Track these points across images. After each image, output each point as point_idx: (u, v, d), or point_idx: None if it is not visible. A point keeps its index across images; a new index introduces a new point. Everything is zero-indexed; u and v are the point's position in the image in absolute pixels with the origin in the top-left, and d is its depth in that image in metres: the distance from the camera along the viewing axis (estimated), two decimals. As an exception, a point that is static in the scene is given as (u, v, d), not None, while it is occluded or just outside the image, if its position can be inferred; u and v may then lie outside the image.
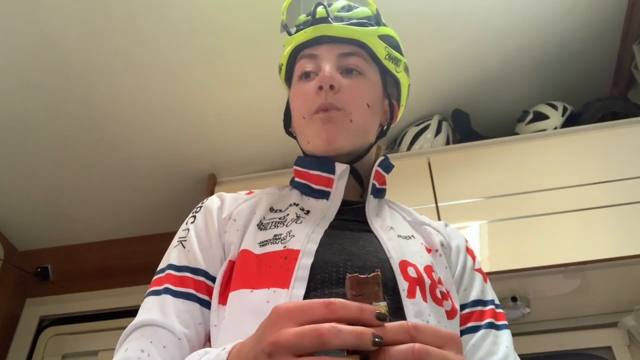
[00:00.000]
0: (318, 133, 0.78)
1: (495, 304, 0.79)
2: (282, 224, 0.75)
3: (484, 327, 0.75)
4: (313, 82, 0.80)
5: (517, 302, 1.65)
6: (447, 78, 1.99)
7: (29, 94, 1.89)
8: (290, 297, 0.63)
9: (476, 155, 1.79)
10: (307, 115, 0.80)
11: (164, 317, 0.67)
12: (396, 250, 0.71)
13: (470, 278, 0.80)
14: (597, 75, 2.04)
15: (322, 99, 0.78)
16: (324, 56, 0.81)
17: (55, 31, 1.71)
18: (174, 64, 1.83)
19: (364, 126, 0.80)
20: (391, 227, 0.78)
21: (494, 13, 1.76)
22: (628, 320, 1.69)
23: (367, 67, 0.83)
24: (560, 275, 1.57)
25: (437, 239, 0.80)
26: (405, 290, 0.66)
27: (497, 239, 1.59)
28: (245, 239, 0.74)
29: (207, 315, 0.71)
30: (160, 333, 0.66)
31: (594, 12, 1.81)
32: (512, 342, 0.76)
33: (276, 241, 0.72)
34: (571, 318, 1.80)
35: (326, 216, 0.76)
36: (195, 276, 0.73)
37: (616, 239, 1.50)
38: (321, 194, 0.80)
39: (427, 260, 0.74)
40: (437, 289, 0.71)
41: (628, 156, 1.65)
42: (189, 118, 2.02)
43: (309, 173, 0.81)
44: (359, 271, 0.67)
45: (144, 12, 1.68)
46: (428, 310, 0.66)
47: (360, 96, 0.80)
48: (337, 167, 0.78)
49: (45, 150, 2.09)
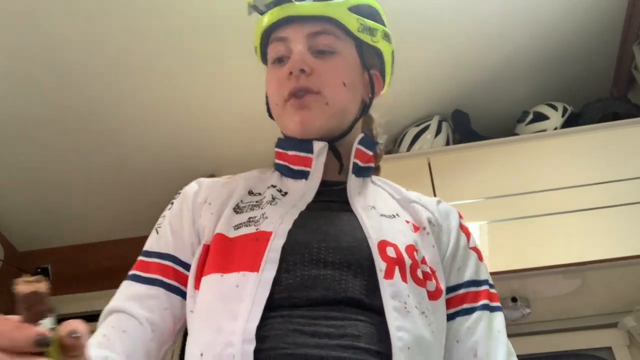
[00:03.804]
0: (292, 119, 0.76)
1: (489, 284, 0.77)
2: (257, 207, 0.74)
3: (479, 309, 0.73)
4: (285, 68, 0.77)
5: (517, 302, 1.65)
6: (447, 78, 1.99)
7: (29, 95, 1.89)
8: (260, 280, 0.62)
9: (476, 156, 1.78)
10: (280, 102, 0.78)
11: (126, 302, 0.69)
12: (375, 230, 0.69)
13: (464, 257, 0.77)
14: (597, 75, 2.04)
15: (293, 84, 0.75)
16: (292, 38, 0.78)
17: (55, 32, 1.71)
18: (174, 64, 1.83)
19: (342, 107, 0.78)
20: (373, 206, 0.75)
21: (494, 13, 1.76)
22: (628, 321, 1.69)
23: (339, 44, 0.79)
24: (560, 276, 1.57)
25: (425, 216, 0.78)
26: (383, 270, 0.65)
27: (497, 239, 1.58)
28: (220, 223, 0.72)
29: (176, 301, 0.71)
30: (122, 318, 0.67)
31: (594, 12, 1.81)
32: (504, 324, 0.75)
33: (249, 224, 0.71)
34: (571, 318, 1.80)
35: (304, 197, 0.75)
36: (162, 261, 0.73)
37: (616, 240, 1.50)
38: (300, 174, 0.78)
39: (410, 240, 0.72)
40: (418, 269, 0.69)
41: (628, 156, 1.65)
42: (189, 119, 2.02)
43: (288, 154, 0.79)
44: (333, 252, 0.66)
45: (145, 14, 1.68)
46: (407, 291, 0.65)
47: (334, 76, 0.77)
48: (314, 146, 0.76)
49: (45, 150, 2.09)
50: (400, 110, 2.08)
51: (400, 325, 0.61)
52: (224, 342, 0.59)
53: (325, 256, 0.65)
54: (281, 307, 0.61)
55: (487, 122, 2.12)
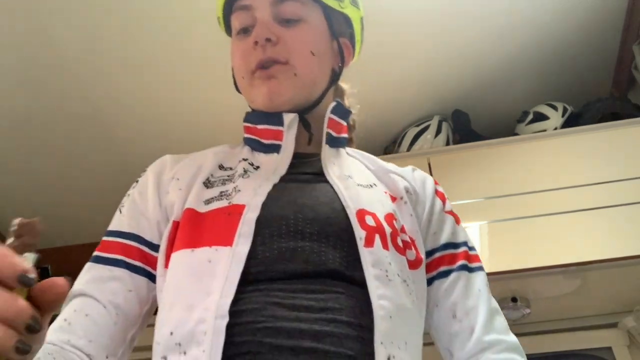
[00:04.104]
0: (260, 91, 0.73)
1: (468, 246, 0.74)
2: (229, 181, 0.71)
3: (456, 270, 0.71)
4: (250, 38, 0.74)
5: (517, 302, 1.65)
6: (447, 78, 1.99)
7: (29, 95, 1.89)
8: (233, 254, 0.59)
9: (476, 156, 1.78)
10: (247, 74, 0.74)
11: (88, 285, 0.66)
12: (353, 199, 0.67)
13: (439, 221, 0.75)
14: (597, 75, 2.04)
15: (259, 54, 0.72)
16: (257, 5, 0.75)
17: (55, 32, 1.71)
18: (174, 65, 1.83)
19: (311, 76, 0.75)
20: (349, 176, 0.73)
21: (494, 13, 1.76)
22: (628, 321, 1.69)
23: (306, 11, 0.76)
24: (560, 276, 1.57)
25: (402, 185, 0.76)
26: (363, 239, 0.63)
27: (497, 239, 1.59)
28: (190, 198, 0.69)
29: (141, 283, 0.68)
30: (84, 302, 0.65)
31: (594, 12, 1.81)
32: (487, 284, 0.72)
33: (221, 198, 0.68)
34: (571, 319, 1.80)
35: (277, 170, 0.71)
36: (125, 241, 0.70)
37: (616, 240, 1.50)
38: (272, 148, 0.75)
39: (388, 209, 0.70)
40: (398, 237, 0.67)
41: (628, 157, 1.65)
42: (189, 119, 2.02)
43: (257, 128, 0.76)
44: (311, 223, 0.63)
45: (145, 13, 1.68)
46: (389, 259, 0.63)
47: (302, 45, 0.74)
48: (284, 118, 0.73)
49: (46, 150, 2.09)
50: (400, 110, 2.08)
51: (382, 293, 0.60)
52: (196, 319, 0.56)
53: (302, 228, 0.63)
54: (258, 281, 0.58)
55: (487, 122, 2.12)
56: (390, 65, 1.89)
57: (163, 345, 0.59)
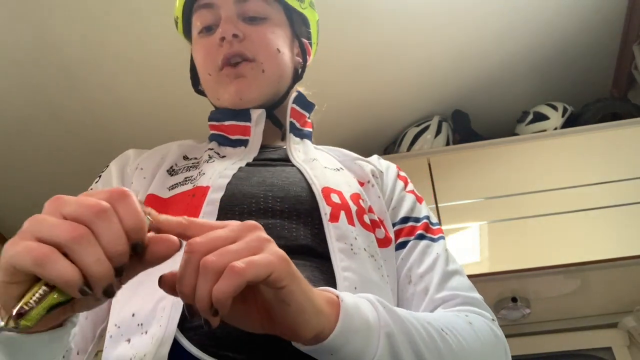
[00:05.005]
0: (227, 89, 0.73)
1: (430, 221, 0.73)
2: (194, 168, 0.71)
3: (413, 239, 0.70)
4: (216, 34, 0.74)
5: (517, 302, 1.65)
6: (447, 78, 1.99)
7: (29, 94, 1.89)
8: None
9: (476, 156, 1.79)
10: (213, 71, 0.75)
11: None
12: (319, 178, 0.68)
13: (399, 199, 0.75)
14: (597, 75, 2.04)
15: (226, 50, 0.72)
16: (221, 4, 0.75)
17: (55, 32, 1.71)
18: (174, 65, 1.83)
19: (278, 73, 0.76)
20: (314, 159, 0.74)
21: (494, 13, 1.76)
22: (628, 321, 1.69)
23: (269, 10, 0.77)
24: (560, 276, 1.57)
25: (369, 169, 0.77)
26: (328, 214, 0.63)
27: (497, 239, 1.58)
28: (153, 185, 0.69)
29: None
30: None
31: (594, 12, 1.81)
32: (446, 250, 0.70)
33: (186, 182, 0.68)
34: (571, 319, 1.80)
35: (244, 158, 0.73)
36: None
37: (616, 240, 1.50)
38: (239, 143, 0.75)
39: (355, 189, 0.70)
40: (365, 215, 0.67)
41: (628, 157, 1.65)
42: (188, 119, 2.01)
43: (224, 125, 0.77)
44: (281, 201, 0.64)
45: (145, 13, 1.68)
46: (354, 234, 0.63)
47: (268, 42, 0.74)
48: (252, 114, 0.74)
49: (46, 150, 2.09)
50: (400, 111, 2.08)
51: (346, 265, 0.60)
52: (157, 298, 0.56)
53: (273, 205, 0.63)
54: None
55: (487, 122, 2.12)
56: (390, 65, 1.89)
57: (125, 328, 0.58)
